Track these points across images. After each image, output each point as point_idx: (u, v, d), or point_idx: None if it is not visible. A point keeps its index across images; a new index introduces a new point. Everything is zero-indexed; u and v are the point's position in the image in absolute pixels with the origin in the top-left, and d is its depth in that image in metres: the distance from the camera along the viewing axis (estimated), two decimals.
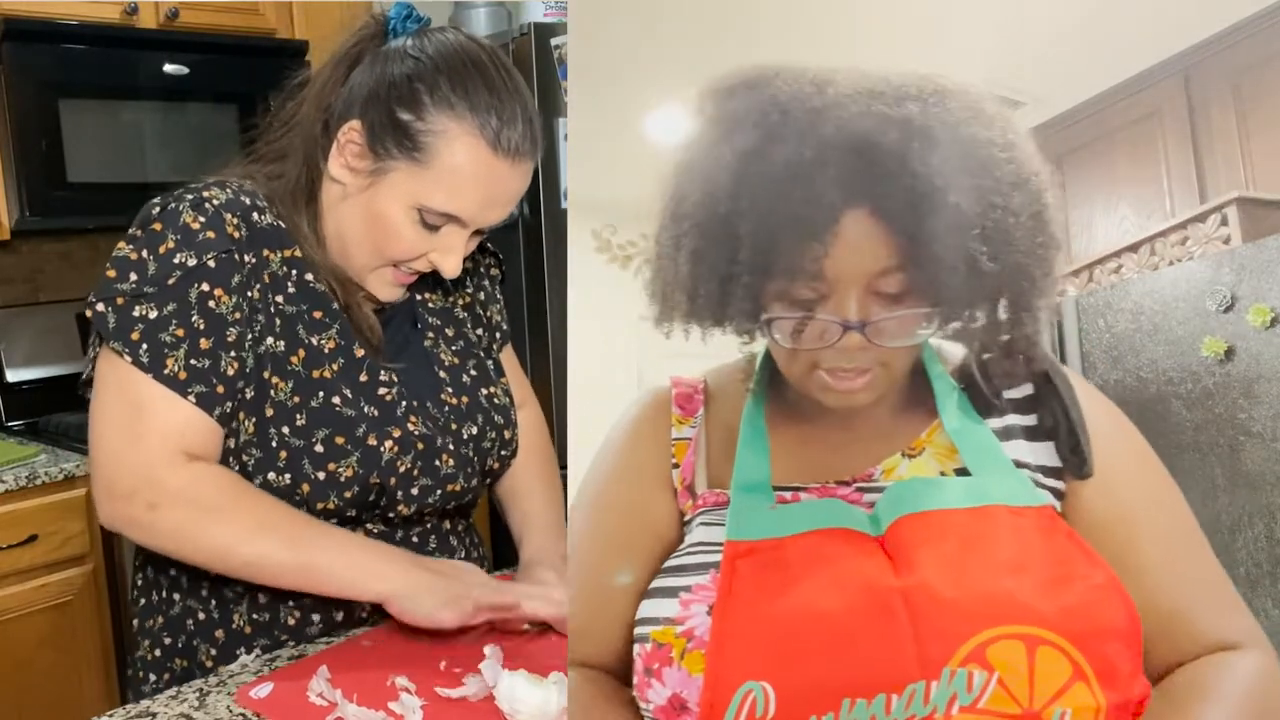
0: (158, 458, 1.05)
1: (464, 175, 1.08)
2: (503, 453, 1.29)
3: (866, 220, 0.70)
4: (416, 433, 1.16)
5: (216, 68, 2.58)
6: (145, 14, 2.55)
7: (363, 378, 1.14)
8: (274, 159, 1.17)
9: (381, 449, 1.12)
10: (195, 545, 1.08)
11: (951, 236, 0.69)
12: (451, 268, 1.13)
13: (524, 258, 2.62)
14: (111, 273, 1.07)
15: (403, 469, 1.14)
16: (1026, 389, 0.78)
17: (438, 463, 1.18)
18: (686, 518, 0.82)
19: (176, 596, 1.19)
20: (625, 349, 1.31)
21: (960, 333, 0.76)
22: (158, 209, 1.09)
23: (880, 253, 0.70)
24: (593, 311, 1.17)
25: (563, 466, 2.57)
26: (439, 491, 1.19)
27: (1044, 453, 0.77)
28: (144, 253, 1.07)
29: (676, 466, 0.84)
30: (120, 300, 1.05)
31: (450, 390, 1.24)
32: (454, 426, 1.21)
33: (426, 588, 1.07)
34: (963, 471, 0.76)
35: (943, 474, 0.77)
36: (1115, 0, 0.93)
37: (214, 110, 2.60)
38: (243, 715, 0.98)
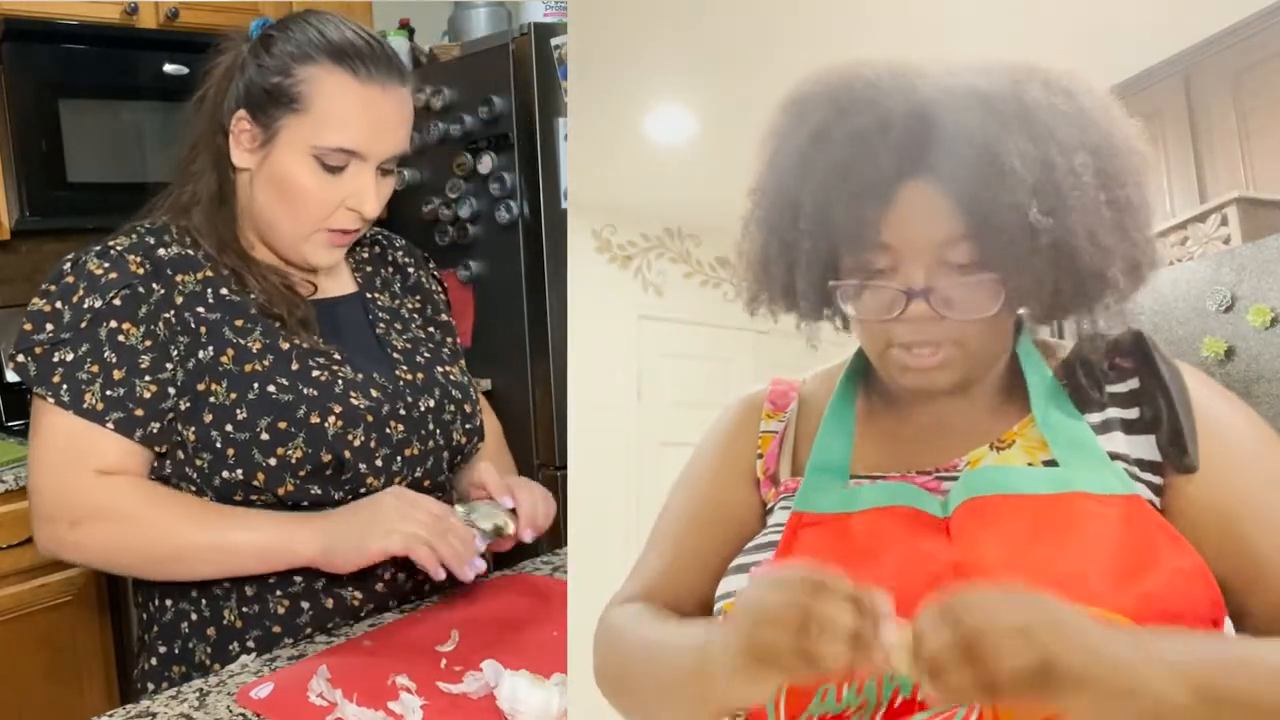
0: (73, 479, 1.13)
1: (341, 108, 1.16)
2: (466, 426, 1.32)
3: (927, 189, 0.71)
4: (361, 406, 1.19)
5: None
6: (145, 14, 2.55)
7: (294, 366, 1.18)
8: (187, 182, 1.25)
9: (326, 425, 1.16)
10: (122, 553, 1.15)
11: (1004, 193, 0.69)
12: (371, 208, 1.20)
13: (524, 258, 2.62)
14: (28, 326, 1.16)
15: (356, 442, 1.18)
16: (1132, 383, 0.76)
17: (388, 430, 1.21)
18: (769, 505, 0.83)
19: (169, 603, 1.21)
20: (625, 349, 1.31)
21: (1036, 307, 0.75)
22: (69, 264, 1.18)
23: (943, 221, 0.71)
24: (593, 311, 1.17)
25: (560, 466, 2.59)
26: (399, 459, 1.22)
27: (1142, 446, 0.74)
28: (58, 304, 1.15)
29: (761, 457, 0.85)
30: (39, 350, 1.14)
31: (405, 368, 1.28)
32: (409, 399, 1.25)
33: (344, 531, 1.12)
34: (1052, 464, 0.74)
35: (1030, 465, 0.75)
36: (1115, 0, 0.94)
37: None
38: (243, 715, 0.98)
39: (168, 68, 2.55)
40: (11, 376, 2.63)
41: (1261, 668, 0.62)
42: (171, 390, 1.15)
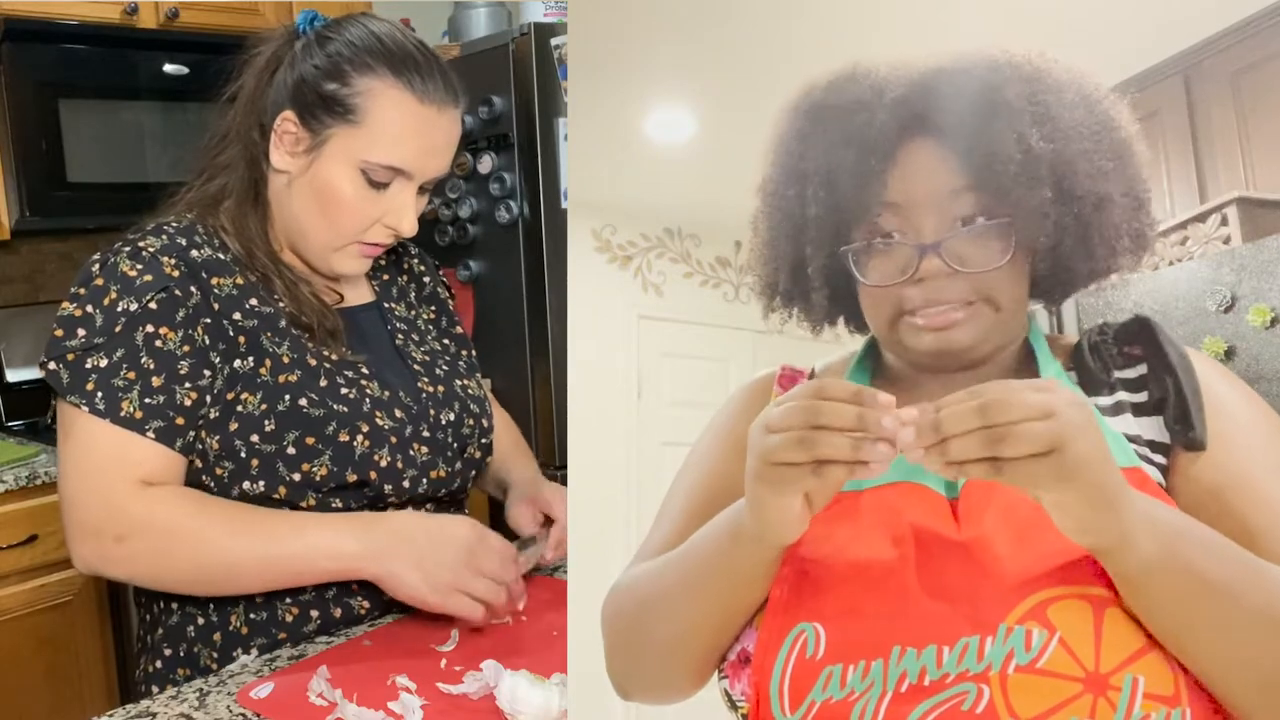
0: (116, 490, 1.08)
1: (397, 125, 1.13)
2: (483, 441, 1.31)
3: (929, 145, 0.73)
4: (386, 427, 1.17)
5: (216, 68, 2.59)
6: (145, 14, 2.55)
7: (323, 382, 1.16)
8: (216, 175, 1.22)
9: (354, 443, 1.14)
10: (171, 567, 1.10)
11: (1003, 124, 0.71)
12: (409, 226, 1.17)
13: (524, 258, 2.62)
14: (59, 332, 1.10)
15: (383, 463, 1.16)
16: (1141, 368, 0.76)
17: (412, 452, 1.20)
18: None
19: (175, 605, 1.20)
20: (625, 349, 1.31)
21: (1046, 263, 0.75)
22: (97, 265, 1.13)
23: (947, 173, 0.72)
24: (593, 311, 1.17)
25: (561, 466, 2.59)
26: (425, 480, 1.21)
27: (1153, 428, 0.74)
28: (89, 308, 1.10)
29: None
30: (71, 357, 1.09)
31: (426, 380, 1.26)
32: (431, 413, 1.23)
33: (405, 572, 1.09)
34: None
35: None
36: (1115, 0, 0.94)
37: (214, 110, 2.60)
38: (243, 715, 0.98)
39: (168, 68, 2.55)
40: (11, 376, 2.64)
41: (1223, 547, 0.63)
42: (208, 398, 1.12)
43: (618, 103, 1.01)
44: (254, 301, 1.17)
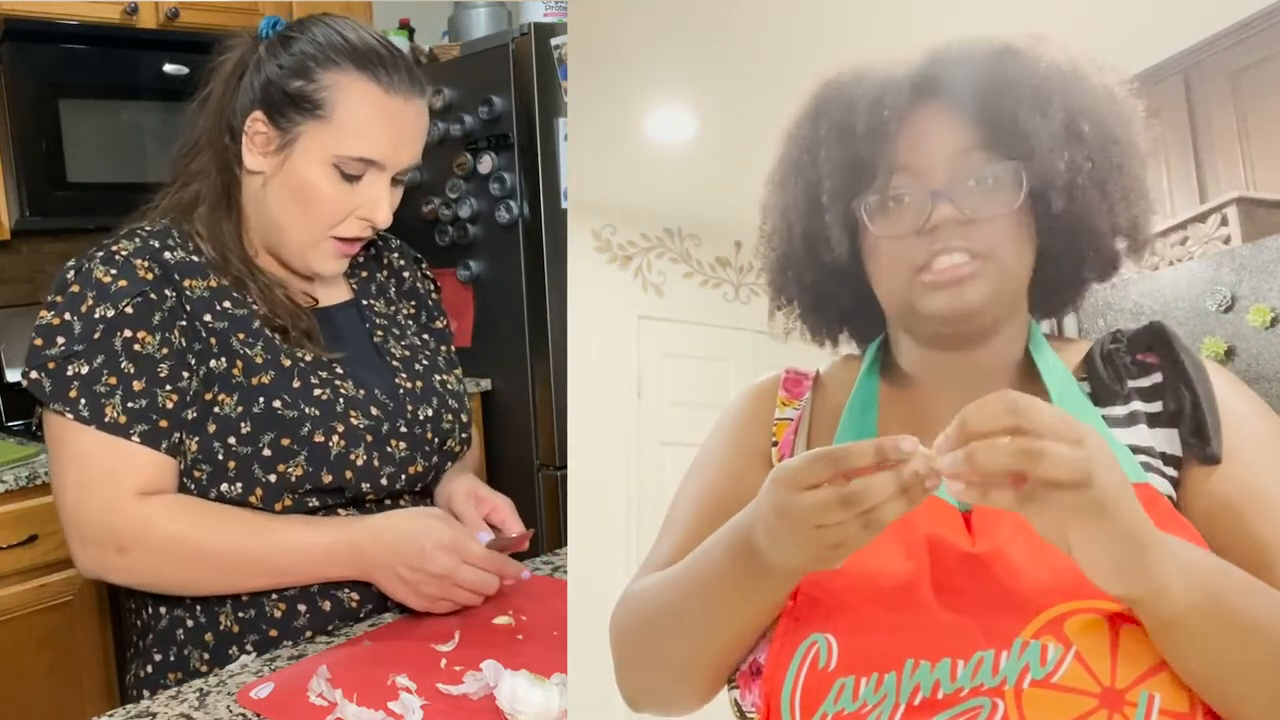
0: (113, 502, 1.10)
1: (366, 117, 1.14)
2: (463, 435, 1.33)
3: (940, 106, 0.75)
4: (360, 425, 1.18)
5: None
6: (145, 14, 2.55)
7: (296, 383, 1.17)
8: (189, 182, 1.22)
9: (329, 444, 1.15)
10: (171, 579, 1.15)
11: (1013, 73, 0.74)
12: (383, 218, 1.18)
13: (524, 258, 2.62)
14: (39, 341, 1.11)
15: (359, 461, 1.17)
16: (1155, 377, 0.75)
17: (389, 449, 1.21)
18: None
19: (163, 610, 1.20)
20: (625, 349, 1.31)
21: (1060, 238, 0.76)
22: (72, 272, 1.14)
23: (957, 131, 0.74)
24: (593, 311, 1.17)
25: (560, 466, 2.59)
26: (403, 477, 1.23)
27: (1166, 439, 0.73)
28: (66, 315, 1.11)
29: (776, 444, 0.84)
30: (52, 365, 1.10)
31: (404, 375, 1.27)
32: (409, 409, 1.24)
33: (388, 575, 1.14)
34: None
35: None
36: (1115, 1, 0.93)
37: None
38: (243, 715, 0.98)
39: (168, 68, 2.55)
40: (11, 376, 2.64)
41: (1257, 587, 0.63)
42: (188, 399, 1.14)
43: (618, 103, 1.01)
44: (226, 304, 1.18)
